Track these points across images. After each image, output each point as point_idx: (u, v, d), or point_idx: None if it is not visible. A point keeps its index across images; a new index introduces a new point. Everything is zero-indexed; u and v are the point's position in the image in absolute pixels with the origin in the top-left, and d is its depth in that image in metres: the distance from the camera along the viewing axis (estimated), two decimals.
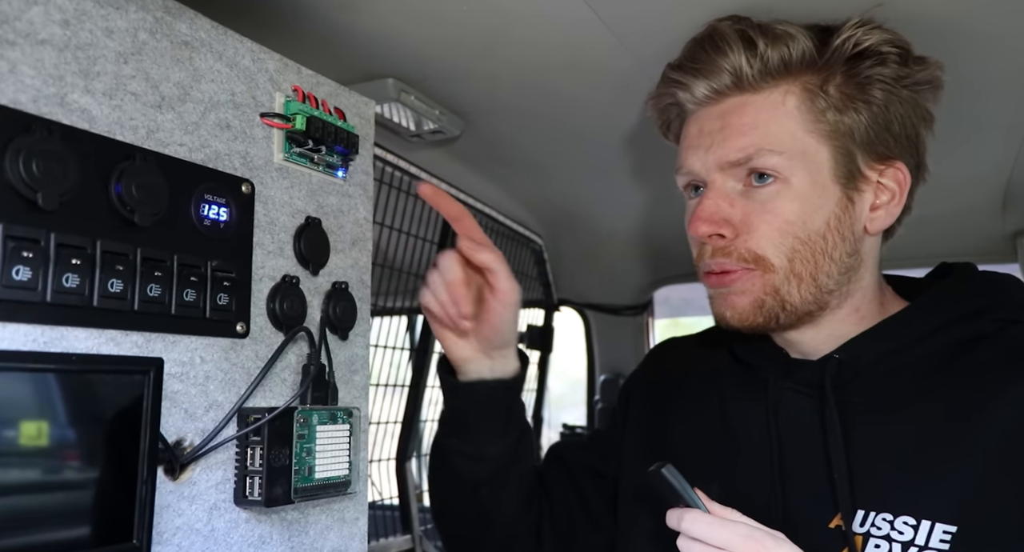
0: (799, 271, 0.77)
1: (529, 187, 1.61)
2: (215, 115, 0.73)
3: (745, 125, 0.78)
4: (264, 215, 0.77)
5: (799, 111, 0.77)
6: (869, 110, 0.77)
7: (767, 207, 0.77)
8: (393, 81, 1.08)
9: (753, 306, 0.78)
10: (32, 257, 0.56)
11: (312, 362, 0.80)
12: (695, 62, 0.81)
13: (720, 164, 0.79)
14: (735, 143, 0.78)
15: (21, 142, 0.56)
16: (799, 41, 0.77)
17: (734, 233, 0.78)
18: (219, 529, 0.71)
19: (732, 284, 0.79)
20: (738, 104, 0.79)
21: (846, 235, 0.78)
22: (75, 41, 0.61)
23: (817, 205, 0.77)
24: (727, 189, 0.79)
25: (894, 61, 0.78)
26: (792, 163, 0.76)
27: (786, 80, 0.78)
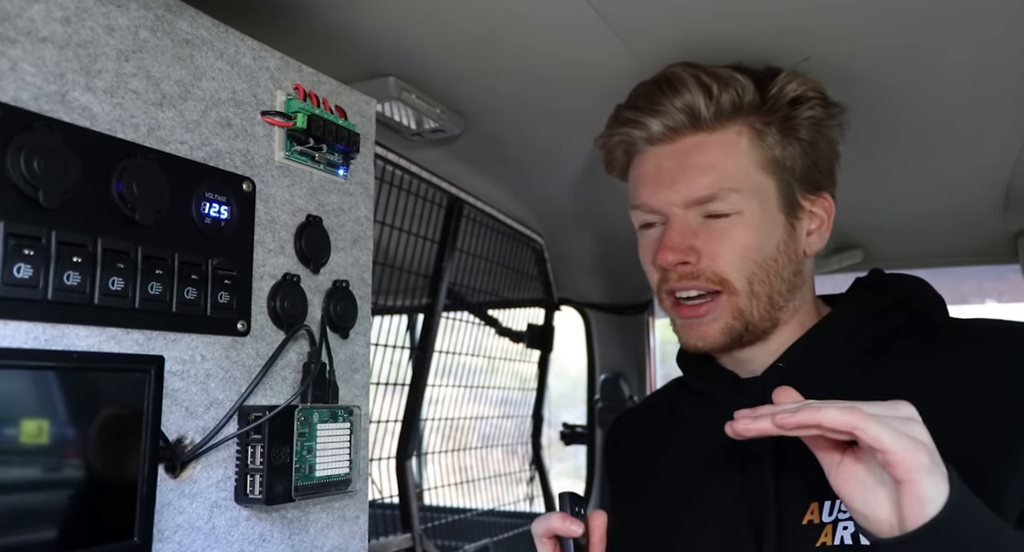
0: (757, 291, 0.85)
1: (530, 186, 1.61)
2: (216, 113, 0.73)
3: (705, 164, 0.85)
4: (265, 213, 0.77)
5: (750, 149, 0.86)
6: (802, 147, 0.87)
7: (727, 235, 0.85)
8: (394, 80, 1.08)
9: (723, 332, 0.86)
10: (33, 255, 0.56)
11: (313, 360, 0.80)
12: (651, 103, 0.87)
13: (684, 201, 0.85)
14: (698, 182, 0.85)
15: (22, 140, 0.56)
16: (747, 87, 0.86)
17: (697, 259, 0.85)
18: (220, 527, 0.71)
19: (701, 313, 0.86)
20: (696, 143, 0.86)
21: (792, 257, 0.87)
22: (76, 39, 0.61)
23: (768, 232, 0.86)
24: (688, 221, 0.86)
25: (819, 106, 0.88)
26: (747, 197, 0.85)
27: (736, 121, 0.86)
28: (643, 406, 1.12)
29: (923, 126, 1.19)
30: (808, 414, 0.60)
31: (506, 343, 2.00)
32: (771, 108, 0.86)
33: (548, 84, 1.10)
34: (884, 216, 1.61)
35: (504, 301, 1.94)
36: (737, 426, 0.63)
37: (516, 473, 2.08)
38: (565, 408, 2.53)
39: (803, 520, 0.79)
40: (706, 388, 0.94)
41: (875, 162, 1.32)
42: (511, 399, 2.07)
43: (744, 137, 0.86)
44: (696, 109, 0.85)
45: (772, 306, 0.86)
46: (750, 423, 0.63)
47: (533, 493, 2.08)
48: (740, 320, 0.85)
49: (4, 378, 0.55)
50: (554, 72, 1.06)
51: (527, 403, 2.10)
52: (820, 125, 0.88)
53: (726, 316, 0.85)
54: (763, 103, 0.86)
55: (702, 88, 0.85)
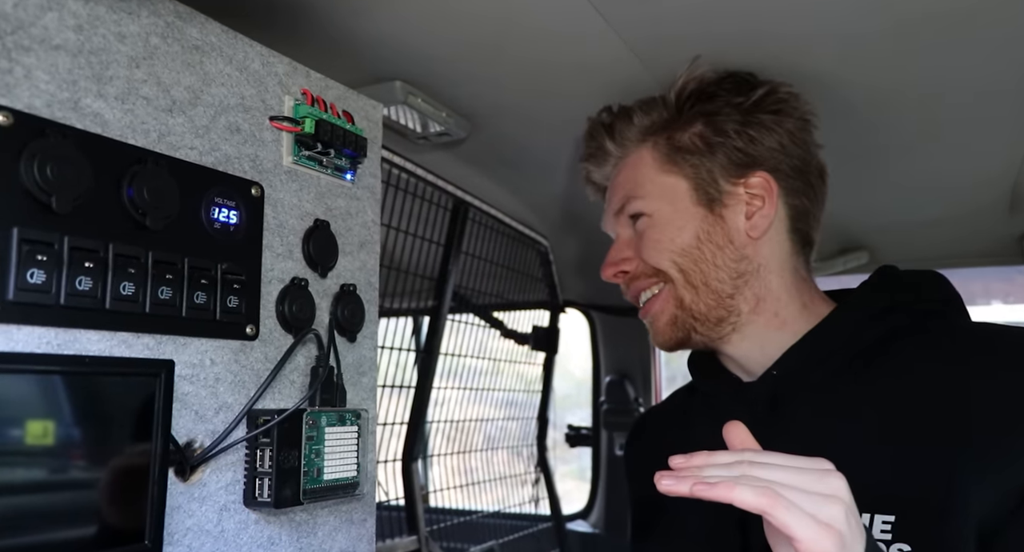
0: (692, 281, 0.88)
1: (535, 189, 1.61)
2: (225, 119, 0.73)
3: (619, 183, 0.97)
4: (273, 218, 0.78)
5: (654, 160, 0.93)
6: (723, 139, 0.90)
7: (643, 235, 0.92)
8: (400, 84, 1.08)
9: (668, 323, 0.91)
10: (46, 260, 0.56)
11: (321, 364, 0.80)
12: (588, 151, 1.02)
13: (611, 216, 0.97)
14: (615, 197, 0.97)
15: (36, 147, 0.57)
16: (657, 109, 0.94)
17: (632, 265, 0.93)
18: (229, 530, 0.71)
19: (651, 310, 0.92)
20: (617, 169, 0.99)
21: (723, 244, 0.89)
22: (88, 46, 0.62)
23: (680, 226, 0.90)
24: (625, 236, 0.96)
25: (726, 92, 0.91)
26: (652, 200, 0.92)
27: (644, 143, 0.95)
28: (662, 407, 1.13)
29: (929, 127, 1.19)
30: (723, 490, 0.60)
31: (510, 345, 2.00)
32: (684, 119, 0.92)
33: (554, 87, 1.10)
34: (889, 217, 1.61)
35: (509, 303, 1.94)
36: (660, 483, 0.63)
37: (521, 475, 2.08)
38: (569, 410, 2.53)
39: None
40: (711, 390, 0.95)
41: (880, 163, 1.32)
42: (516, 401, 2.07)
43: (646, 152, 0.94)
44: (606, 148, 0.99)
45: (717, 294, 0.88)
46: (672, 484, 0.62)
47: (539, 495, 2.08)
48: (684, 310, 0.89)
49: (18, 382, 0.55)
50: (559, 75, 1.06)
51: (532, 405, 2.10)
52: (736, 110, 0.89)
53: (670, 307, 0.90)
54: (678, 116, 0.93)
55: (605, 129, 0.98)
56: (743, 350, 0.90)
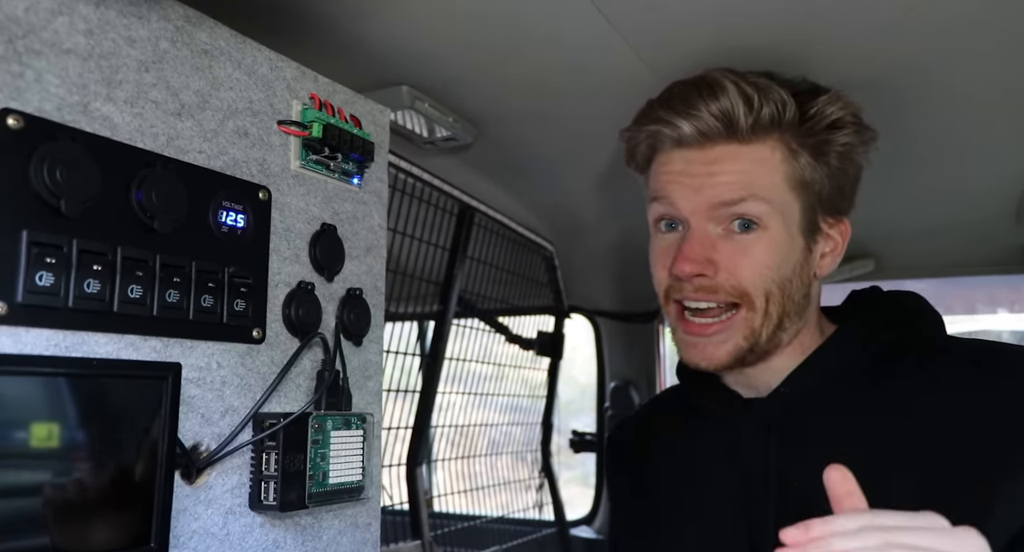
0: (771, 312, 0.83)
1: (541, 194, 1.61)
2: (233, 123, 0.74)
3: (737, 172, 0.82)
4: (280, 222, 0.78)
5: (783, 166, 0.83)
6: (830, 170, 0.85)
7: (749, 251, 0.82)
8: (407, 88, 1.09)
9: (730, 355, 0.83)
10: (55, 263, 0.57)
11: (327, 368, 0.80)
12: (687, 105, 0.83)
13: (711, 204, 0.82)
14: (728, 185, 0.82)
15: (46, 150, 0.57)
16: (788, 102, 0.83)
17: (715, 272, 0.82)
18: (234, 533, 0.71)
19: (711, 332, 0.83)
20: (728, 153, 0.83)
21: (804, 280, 0.85)
22: (98, 50, 0.62)
23: (788, 252, 0.83)
24: (708, 232, 0.83)
25: (854, 132, 0.85)
26: (773, 212, 0.82)
27: (772, 136, 0.83)
28: (644, 413, 1.11)
29: (935, 137, 1.18)
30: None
31: (514, 350, 2.00)
32: (809, 129, 0.83)
33: (560, 93, 1.11)
34: (896, 226, 1.61)
35: (514, 308, 1.94)
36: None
37: (525, 480, 2.07)
38: (574, 416, 2.53)
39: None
40: (709, 406, 0.93)
41: (887, 172, 1.32)
42: (520, 406, 2.07)
43: (778, 153, 0.83)
44: (734, 118, 0.81)
45: (780, 328, 0.84)
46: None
47: (543, 500, 2.08)
48: (750, 340, 0.83)
49: (27, 384, 0.55)
50: (566, 81, 1.07)
51: (536, 410, 2.10)
52: (853, 151, 0.86)
53: (737, 337, 0.83)
54: (802, 122, 0.83)
55: (743, 97, 0.81)
56: (759, 372, 0.87)
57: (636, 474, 1.01)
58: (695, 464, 0.91)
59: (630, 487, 1.02)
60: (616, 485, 1.07)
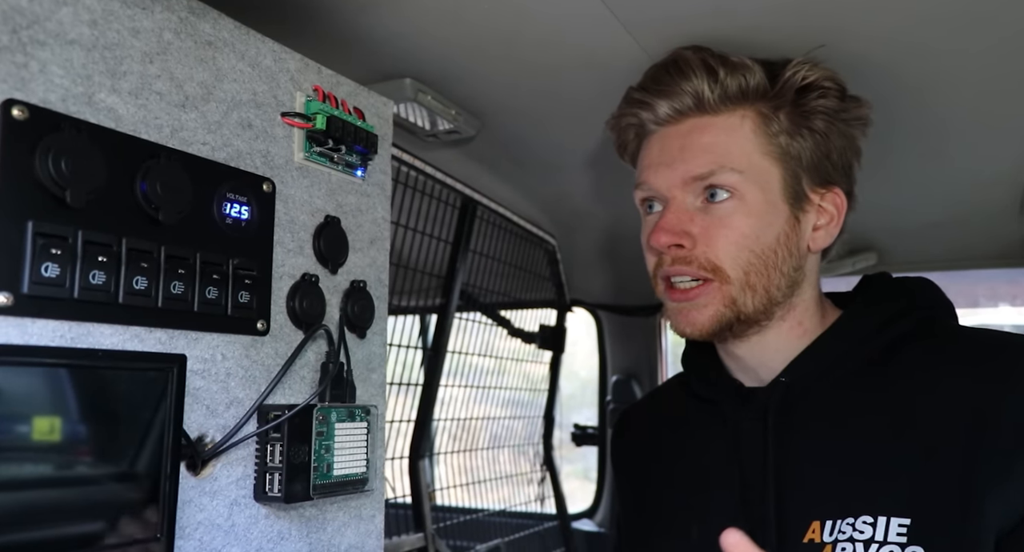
0: (753, 283, 0.83)
1: (543, 187, 1.61)
2: (237, 114, 0.74)
3: (706, 144, 0.84)
4: (284, 214, 0.78)
5: (754, 134, 0.84)
6: (813, 138, 0.85)
7: (724, 222, 0.83)
8: (410, 81, 1.08)
9: (712, 319, 0.84)
10: (60, 254, 0.57)
11: (331, 360, 0.80)
12: (659, 84, 0.87)
13: (684, 179, 0.84)
14: (698, 160, 0.83)
15: (51, 141, 0.57)
16: (755, 72, 0.84)
17: (693, 244, 0.83)
18: (239, 524, 0.71)
19: (695, 298, 0.84)
20: (699, 125, 0.85)
21: (792, 251, 0.85)
22: (103, 41, 0.62)
23: (769, 221, 0.83)
24: (687, 205, 0.84)
25: (835, 96, 0.85)
26: (748, 181, 0.83)
27: (742, 106, 0.85)
28: (648, 403, 1.11)
29: (938, 128, 1.18)
30: None
31: (515, 344, 2.00)
32: (779, 93, 0.84)
33: (563, 86, 1.10)
34: (899, 219, 1.60)
35: (516, 302, 1.94)
36: None
37: (527, 474, 2.08)
38: (575, 410, 2.53)
39: (804, 538, 0.78)
40: (710, 395, 0.93)
41: (890, 165, 1.32)
42: (520, 400, 2.07)
43: (748, 121, 0.84)
44: (701, 92, 0.84)
45: (769, 300, 0.84)
46: None
47: (545, 494, 2.08)
48: (731, 309, 0.83)
49: (33, 375, 0.55)
50: (570, 74, 1.06)
51: (536, 404, 2.10)
52: (834, 116, 0.85)
53: (716, 303, 0.83)
54: (771, 89, 0.84)
55: (708, 71, 0.84)
56: (756, 352, 0.88)
57: (641, 471, 1.01)
58: (699, 461, 0.91)
59: (634, 485, 1.02)
60: (621, 483, 1.07)
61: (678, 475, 0.94)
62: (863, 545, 0.74)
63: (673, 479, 0.95)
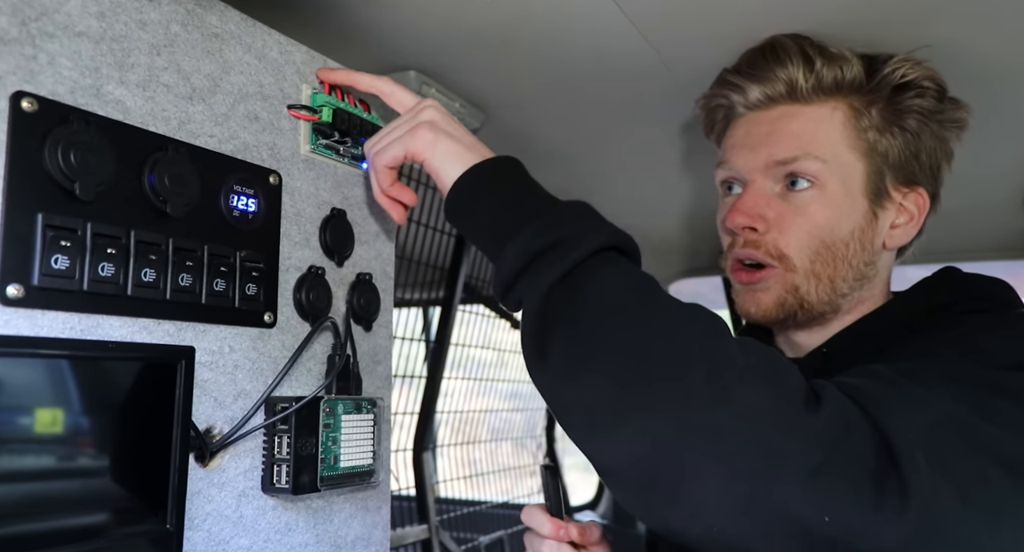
0: (819, 272, 0.83)
1: (547, 180, 1.60)
2: (244, 107, 0.74)
3: (793, 130, 0.84)
4: (291, 206, 0.78)
5: (844, 126, 0.84)
6: (904, 136, 0.84)
7: (801, 210, 0.83)
8: (415, 73, 1.08)
9: (775, 303, 0.84)
10: (70, 246, 0.57)
11: (338, 352, 0.81)
12: (753, 68, 0.87)
13: (766, 163, 0.84)
14: (783, 144, 0.83)
15: (59, 133, 0.57)
16: (852, 65, 0.84)
17: (766, 229, 0.83)
18: (247, 515, 0.72)
19: (759, 282, 0.84)
20: (788, 112, 0.85)
21: (866, 246, 0.84)
22: (110, 33, 0.62)
23: (846, 214, 0.83)
24: (766, 189, 0.84)
25: (932, 96, 0.85)
26: (830, 171, 0.82)
27: (835, 98, 0.84)
28: None
29: None
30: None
31: (516, 336, 2.00)
32: (874, 89, 0.84)
33: (568, 79, 1.10)
34: None
35: None
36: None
37: (529, 466, 2.08)
38: None
39: None
40: None
41: None
42: (520, 393, 2.08)
43: (839, 113, 0.84)
44: (795, 80, 0.84)
45: (834, 291, 0.83)
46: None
47: None
48: (795, 296, 0.83)
49: (44, 366, 0.56)
50: (575, 68, 1.06)
51: (537, 397, 2.11)
52: (928, 117, 0.85)
53: (779, 288, 0.83)
54: (868, 83, 0.84)
55: (804, 60, 0.84)
56: (814, 338, 0.87)
57: None
58: None
59: None
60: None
61: None
62: None
63: None
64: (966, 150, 1.30)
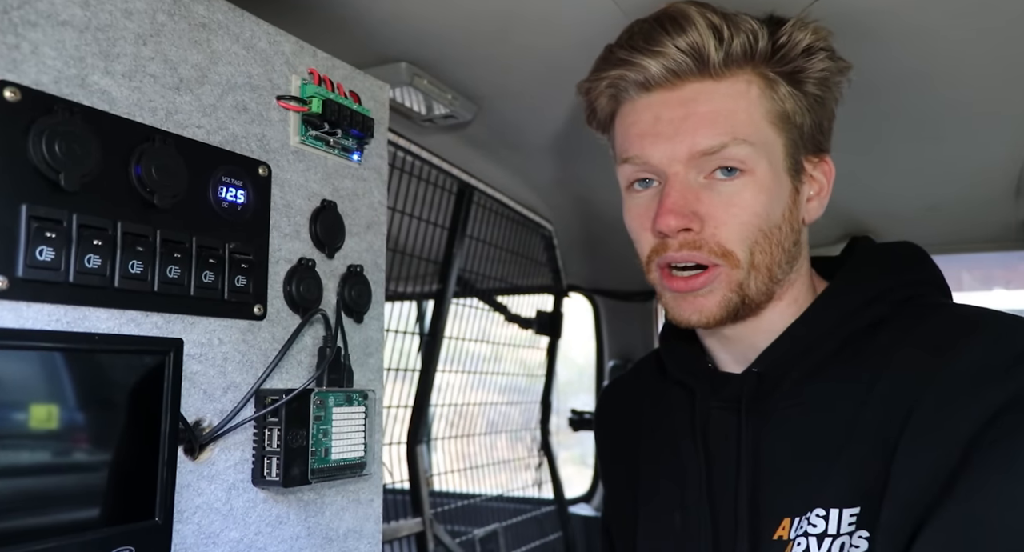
0: (758, 263, 0.77)
1: (540, 173, 1.61)
2: (232, 97, 0.73)
3: (713, 112, 0.76)
4: (280, 198, 0.78)
5: (760, 100, 0.77)
6: (809, 103, 0.79)
7: (734, 200, 0.76)
8: (406, 65, 1.08)
9: (720, 305, 0.78)
10: (55, 237, 0.56)
11: (328, 344, 0.80)
12: (651, 42, 0.77)
13: (689, 153, 0.76)
14: (706, 131, 0.75)
15: (44, 123, 0.56)
16: (759, 32, 0.77)
17: (701, 226, 0.76)
18: (237, 508, 0.71)
19: (702, 287, 0.78)
20: (702, 91, 0.77)
21: (794, 226, 0.80)
22: (95, 22, 0.61)
23: (776, 196, 0.77)
24: (689, 181, 0.77)
25: (828, 58, 0.79)
26: (758, 154, 0.76)
27: (746, 69, 0.77)
28: (632, 374, 1.07)
29: (934, 113, 1.18)
30: None
31: (511, 330, 2.00)
32: (783, 57, 0.77)
33: (560, 71, 1.10)
34: (895, 202, 1.60)
35: (513, 287, 1.94)
36: None
37: (524, 459, 2.09)
38: (571, 395, 2.54)
39: (774, 535, 0.76)
40: (682, 378, 0.90)
41: (887, 148, 1.31)
42: (516, 386, 2.08)
43: (755, 86, 0.77)
44: (704, 52, 0.75)
45: (771, 279, 0.78)
46: None
47: (542, 479, 2.09)
48: (738, 294, 0.77)
49: (28, 359, 0.55)
50: (567, 59, 1.06)
51: (532, 390, 2.11)
52: (829, 79, 0.80)
53: (723, 289, 0.77)
54: (775, 52, 0.77)
55: (712, 29, 0.75)
56: (749, 333, 0.82)
57: (622, 446, 0.99)
58: (674, 441, 0.88)
59: (616, 460, 1.01)
60: (603, 457, 1.06)
61: (659, 453, 0.91)
62: (816, 540, 0.72)
63: (655, 457, 0.92)
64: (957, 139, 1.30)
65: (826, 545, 0.71)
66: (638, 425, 0.98)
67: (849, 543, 0.71)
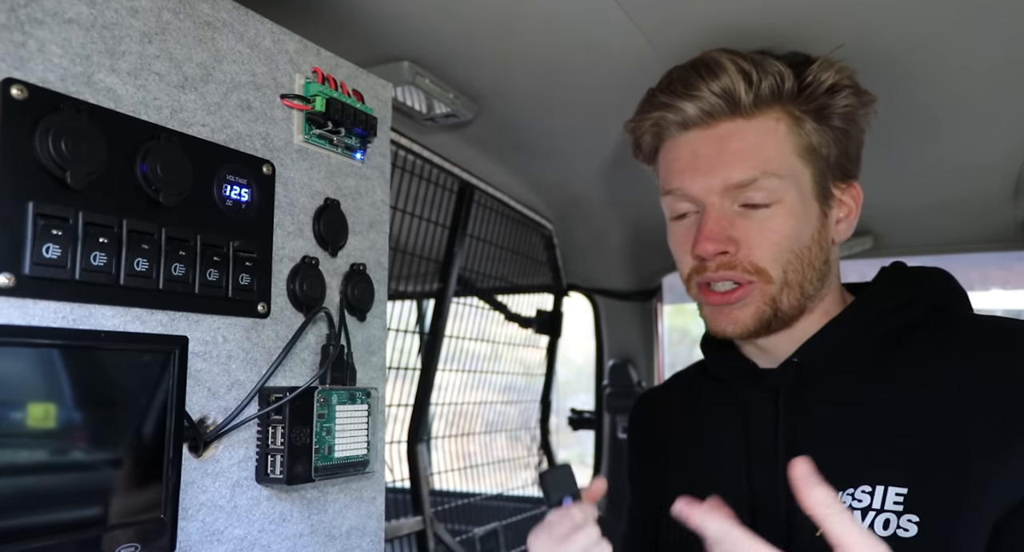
0: (791, 280, 0.85)
1: (541, 172, 1.61)
2: (236, 96, 0.73)
3: (744, 148, 0.84)
4: (284, 196, 0.78)
5: (788, 136, 0.85)
6: (835, 136, 0.87)
7: (766, 225, 0.84)
8: (408, 64, 1.08)
9: (754, 317, 0.86)
10: (61, 235, 0.56)
11: (332, 343, 0.80)
12: (688, 87, 0.86)
13: (725, 186, 0.84)
14: (738, 166, 0.84)
15: (50, 121, 0.56)
16: (785, 74, 0.85)
17: (736, 249, 0.84)
18: (242, 506, 0.72)
19: (737, 301, 0.85)
20: (734, 129, 0.85)
21: (823, 246, 0.87)
22: (101, 20, 0.61)
23: (805, 221, 0.85)
24: (725, 210, 0.85)
25: (853, 94, 0.87)
26: (787, 184, 0.84)
27: (775, 108, 0.85)
28: (666, 387, 1.13)
29: (934, 113, 1.18)
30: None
31: (511, 329, 2.01)
32: (808, 96, 0.85)
33: (562, 70, 1.10)
34: (895, 203, 1.61)
35: (513, 287, 1.95)
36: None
37: (523, 458, 2.09)
38: (571, 395, 2.54)
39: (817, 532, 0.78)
40: (724, 375, 0.95)
41: (887, 149, 1.32)
42: (515, 385, 2.08)
43: (783, 124, 0.85)
44: (735, 94, 0.84)
45: (803, 295, 0.86)
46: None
47: None
48: (771, 307, 0.85)
49: (36, 358, 0.55)
50: (569, 58, 1.06)
51: (531, 389, 2.11)
52: (853, 114, 0.88)
53: (757, 302, 0.85)
54: (800, 91, 0.85)
55: (741, 74, 0.84)
56: (783, 342, 0.89)
57: (655, 450, 1.03)
58: (710, 439, 0.92)
59: (643, 453, 1.05)
60: (634, 461, 1.09)
61: (684, 454, 0.96)
62: (860, 513, 0.75)
63: (684, 458, 0.96)
64: (956, 140, 1.30)
65: (869, 518, 0.75)
66: (669, 429, 1.01)
67: (896, 523, 0.74)
